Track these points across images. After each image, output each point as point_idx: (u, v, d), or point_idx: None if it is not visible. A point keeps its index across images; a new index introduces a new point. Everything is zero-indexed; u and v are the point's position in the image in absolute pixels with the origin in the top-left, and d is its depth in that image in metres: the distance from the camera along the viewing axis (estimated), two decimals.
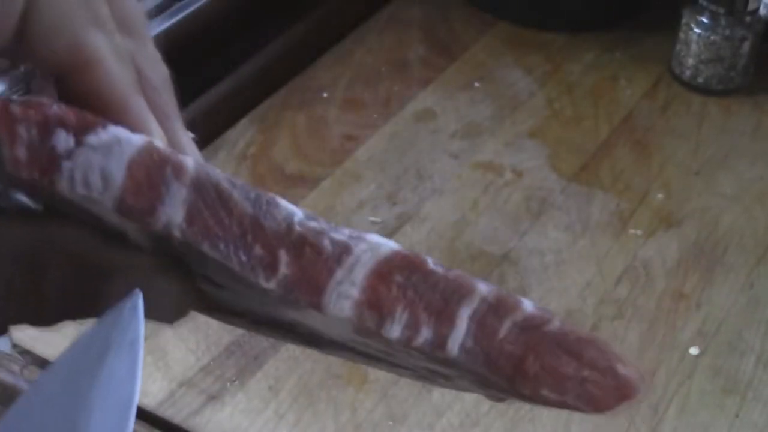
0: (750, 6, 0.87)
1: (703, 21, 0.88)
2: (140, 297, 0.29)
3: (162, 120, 0.33)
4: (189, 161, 0.30)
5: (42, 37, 0.30)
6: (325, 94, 0.89)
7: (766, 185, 0.82)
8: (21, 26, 0.30)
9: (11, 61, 0.32)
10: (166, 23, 0.81)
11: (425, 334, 0.31)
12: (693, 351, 0.68)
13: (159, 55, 0.34)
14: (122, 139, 0.29)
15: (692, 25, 0.89)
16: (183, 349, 0.67)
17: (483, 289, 0.31)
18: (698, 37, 0.88)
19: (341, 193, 0.80)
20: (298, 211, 0.31)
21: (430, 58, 0.94)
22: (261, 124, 0.86)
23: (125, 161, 0.29)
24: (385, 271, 0.30)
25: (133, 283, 0.30)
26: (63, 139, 0.29)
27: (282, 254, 0.30)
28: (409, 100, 0.89)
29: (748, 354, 0.68)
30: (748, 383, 0.66)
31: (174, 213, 0.29)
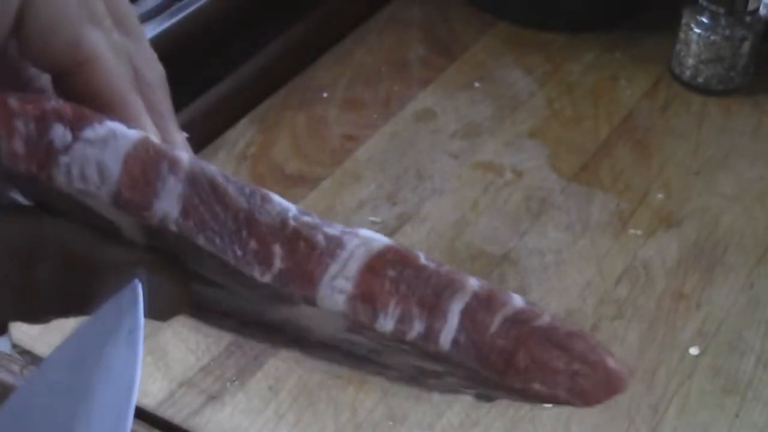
0: (750, 6, 0.87)
1: (703, 21, 0.88)
2: (140, 286, 0.30)
3: (156, 119, 0.33)
4: (184, 156, 0.30)
5: (39, 36, 0.30)
6: (325, 94, 0.89)
7: (766, 185, 0.82)
8: (17, 25, 0.30)
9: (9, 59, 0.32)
10: (166, 23, 0.81)
11: (417, 328, 0.31)
12: (693, 351, 0.68)
13: (155, 54, 0.34)
14: (118, 134, 0.29)
15: (692, 25, 0.89)
16: (183, 349, 0.67)
17: (474, 283, 0.31)
18: (698, 37, 0.88)
19: (341, 193, 0.80)
20: (292, 207, 0.31)
21: (430, 58, 0.94)
22: (261, 124, 0.86)
23: (121, 155, 0.29)
24: (377, 265, 0.31)
25: (127, 279, 0.30)
26: (60, 134, 0.29)
27: (276, 248, 0.30)
28: (409, 100, 0.89)
29: (748, 354, 0.68)
30: (748, 383, 0.66)
31: (170, 207, 0.29)
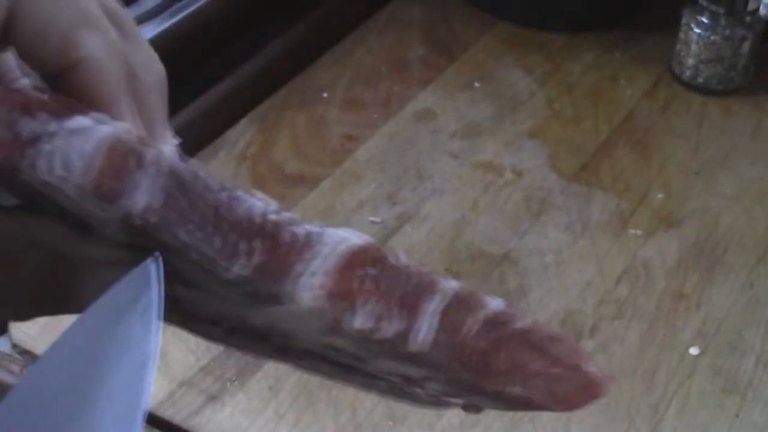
0: (750, 6, 0.87)
1: (703, 21, 0.88)
2: (153, 263, 0.29)
3: (147, 122, 0.33)
4: (153, 151, 0.30)
5: (29, 38, 0.30)
6: (325, 94, 0.89)
7: (766, 185, 0.82)
8: (7, 27, 0.30)
9: None
10: (166, 23, 0.81)
11: (388, 327, 0.30)
12: (693, 351, 0.68)
13: (155, 55, 0.34)
14: (88, 128, 0.30)
15: (692, 25, 0.89)
16: (183, 349, 0.67)
17: (448, 284, 0.31)
18: (698, 37, 0.88)
19: (341, 193, 0.79)
20: (263, 204, 0.31)
21: (430, 58, 0.94)
22: (261, 124, 0.86)
23: (90, 149, 0.29)
24: (349, 263, 0.31)
25: (107, 278, 0.30)
26: (28, 126, 0.29)
27: (245, 244, 0.30)
28: (409, 100, 0.89)
29: (748, 354, 0.68)
30: (748, 383, 0.66)
31: (137, 201, 0.30)
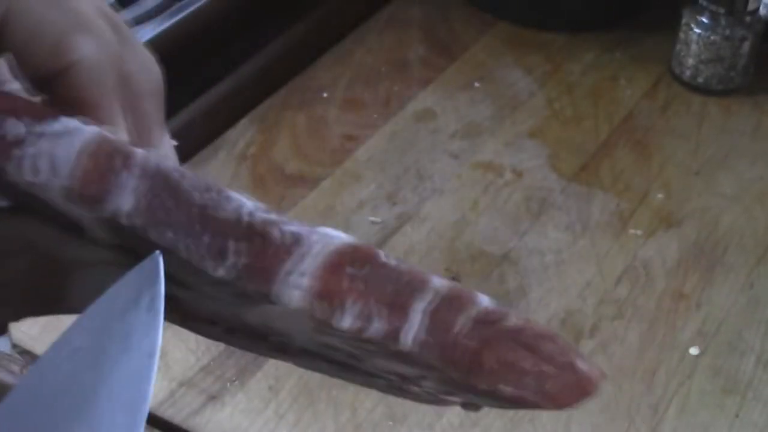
0: (750, 6, 0.87)
1: (703, 21, 0.88)
2: (159, 258, 0.30)
3: (140, 125, 0.33)
4: (139, 152, 0.30)
5: (21, 43, 0.31)
6: (325, 94, 0.89)
7: (766, 185, 0.82)
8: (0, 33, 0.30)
9: None
10: (166, 23, 0.81)
11: (377, 326, 0.30)
12: (693, 351, 0.68)
13: (152, 58, 0.34)
14: (73, 129, 0.30)
15: (692, 25, 0.89)
16: (183, 349, 0.67)
17: (437, 282, 0.31)
18: (698, 37, 0.88)
19: (341, 193, 0.79)
20: (250, 203, 0.31)
21: (430, 58, 0.94)
22: (261, 124, 0.86)
23: (75, 150, 0.29)
24: (336, 262, 0.30)
25: (96, 278, 0.30)
26: (13, 128, 0.29)
27: (231, 243, 0.30)
28: (409, 100, 0.89)
29: (748, 354, 0.68)
30: (748, 383, 0.66)
31: (122, 201, 0.30)
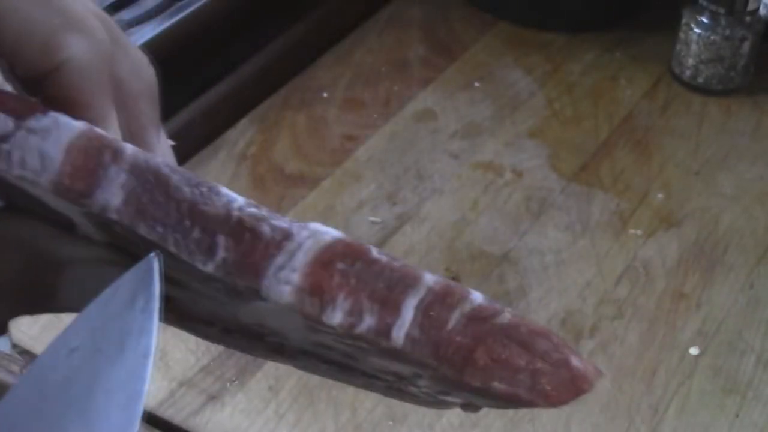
0: (750, 6, 0.87)
1: (703, 21, 0.88)
2: (155, 259, 0.29)
3: (135, 126, 0.33)
4: (128, 147, 0.30)
5: (10, 44, 0.31)
6: (325, 94, 0.89)
7: (766, 185, 0.82)
8: None
9: None
10: (166, 23, 0.81)
11: (368, 322, 0.30)
12: (693, 351, 0.68)
13: (145, 58, 0.34)
14: (61, 124, 0.30)
15: (692, 25, 0.89)
16: (183, 349, 0.67)
17: (429, 279, 0.30)
18: (698, 37, 0.88)
19: (341, 193, 0.79)
20: (239, 199, 0.31)
21: (430, 58, 0.94)
22: (261, 124, 0.86)
23: (64, 144, 0.30)
24: (326, 258, 0.30)
25: (90, 276, 0.30)
26: (1, 122, 0.29)
27: (220, 239, 0.30)
28: (409, 100, 0.89)
29: (748, 354, 0.68)
30: (748, 383, 0.66)
31: (111, 196, 0.30)
